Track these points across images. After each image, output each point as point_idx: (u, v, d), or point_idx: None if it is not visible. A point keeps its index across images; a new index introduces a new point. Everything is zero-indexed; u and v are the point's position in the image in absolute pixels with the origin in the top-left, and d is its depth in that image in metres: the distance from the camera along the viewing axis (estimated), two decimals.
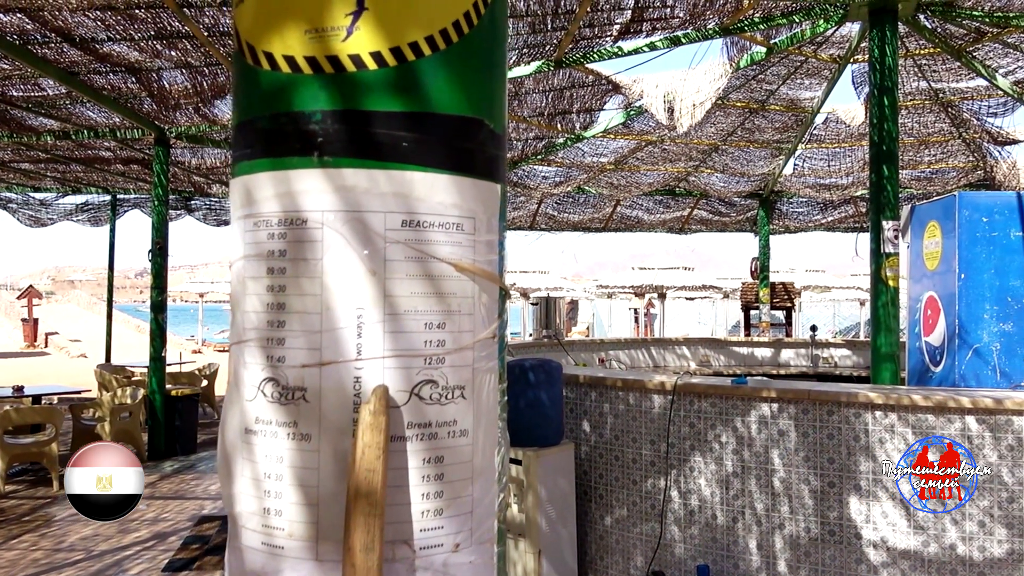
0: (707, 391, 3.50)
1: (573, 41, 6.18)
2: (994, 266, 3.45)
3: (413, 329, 1.31)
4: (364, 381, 1.28)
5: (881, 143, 5.70)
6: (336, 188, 1.29)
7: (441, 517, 1.33)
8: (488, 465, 1.40)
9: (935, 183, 10.65)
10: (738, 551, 3.40)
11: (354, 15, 1.28)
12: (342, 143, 1.29)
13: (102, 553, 4.90)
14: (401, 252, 1.30)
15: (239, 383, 1.39)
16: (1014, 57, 7.14)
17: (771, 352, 8.91)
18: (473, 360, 1.37)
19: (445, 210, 1.33)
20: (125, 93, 6.96)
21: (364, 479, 1.22)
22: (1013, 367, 3.48)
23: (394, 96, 1.30)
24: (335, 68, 1.29)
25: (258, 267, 1.36)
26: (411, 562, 1.29)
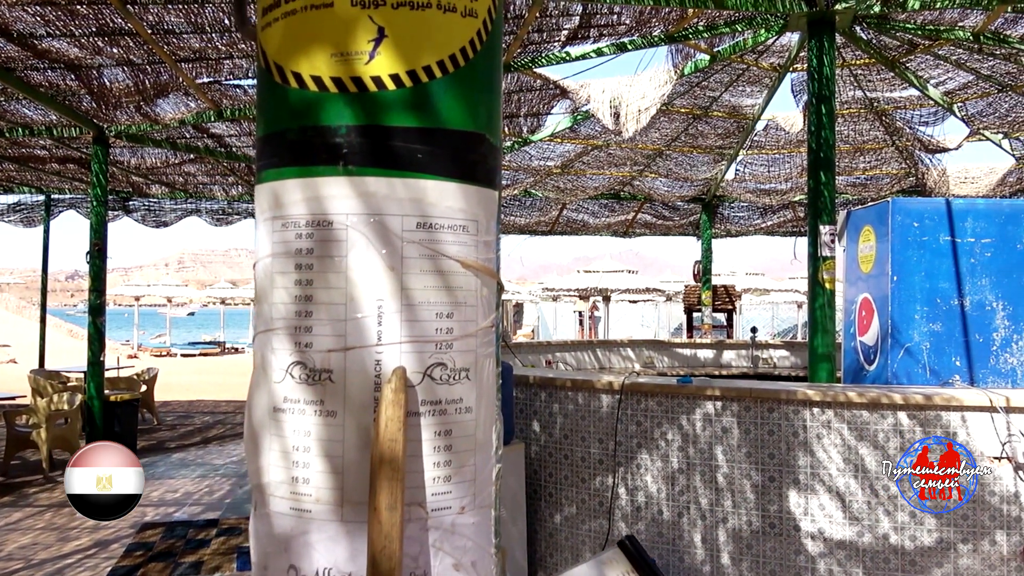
0: (654, 390, 3.56)
1: (522, 45, 6.20)
2: (924, 269, 3.62)
3: (426, 318, 1.48)
4: (384, 363, 1.46)
5: (819, 150, 5.92)
6: (359, 194, 1.47)
7: (449, 483, 1.51)
8: (488, 439, 1.59)
9: (870, 189, 11.13)
10: (683, 545, 3.46)
11: (375, 41, 1.47)
12: (365, 154, 1.47)
13: (42, 562, 4.72)
14: (416, 251, 1.48)
15: (267, 367, 1.55)
16: (944, 69, 7.52)
17: (713, 353, 9.13)
18: (476, 346, 1.55)
19: (453, 214, 1.52)
20: (63, 90, 6.68)
21: (388, 448, 1.38)
22: (942, 365, 3.66)
23: (410, 113, 1.49)
24: (358, 88, 1.47)
25: (286, 264, 1.52)
26: (424, 522, 1.48)
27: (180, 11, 5.22)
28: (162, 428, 9.86)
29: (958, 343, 3.61)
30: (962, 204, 3.65)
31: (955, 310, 3.60)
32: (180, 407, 11.85)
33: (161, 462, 7.66)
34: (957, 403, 3.17)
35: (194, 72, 6.27)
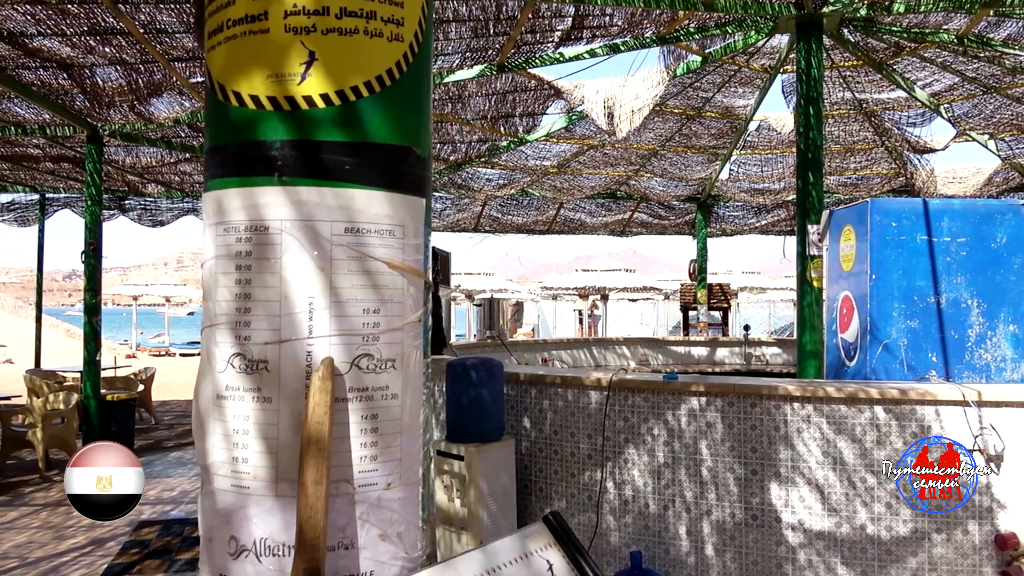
0: (640, 386, 3.66)
1: (515, 46, 6.30)
2: (902, 267, 3.72)
3: (353, 314, 1.65)
4: (314, 354, 1.62)
5: (807, 150, 6.03)
6: (292, 202, 1.63)
7: (376, 462, 1.68)
8: (414, 422, 1.76)
9: (860, 188, 11.24)
10: (669, 537, 3.57)
11: (307, 64, 1.62)
12: (297, 166, 1.63)
13: (37, 560, 4.78)
14: (344, 253, 1.65)
15: (211, 359, 1.71)
16: (931, 71, 7.63)
17: (707, 351, 9.24)
18: (403, 339, 1.73)
19: (380, 220, 1.69)
20: (56, 89, 6.71)
21: (314, 429, 1.54)
22: (919, 361, 3.77)
23: (339, 129, 1.66)
24: (292, 106, 1.63)
25: (228, 265, 1.69)
26: (351, 496, 1.64)
27: (172, 11, 5.28)
28: (159, 427, 9.95)
29: (934, 339, 3.72)
30: (938, 204, 3.76)
31: (932, 307, 3.71)
32: (178, 406, 11.94)
33: (158, 461, 7.75)
34: (931, 398, 3.28)
35: (187, 71, 6.33)
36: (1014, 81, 7.50)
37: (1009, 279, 3.76)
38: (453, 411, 3.82)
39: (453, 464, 3.72)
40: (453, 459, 3.72)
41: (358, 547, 1.64)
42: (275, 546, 1.63)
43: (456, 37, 6.18)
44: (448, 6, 5.59)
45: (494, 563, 1.84)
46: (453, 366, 3.87)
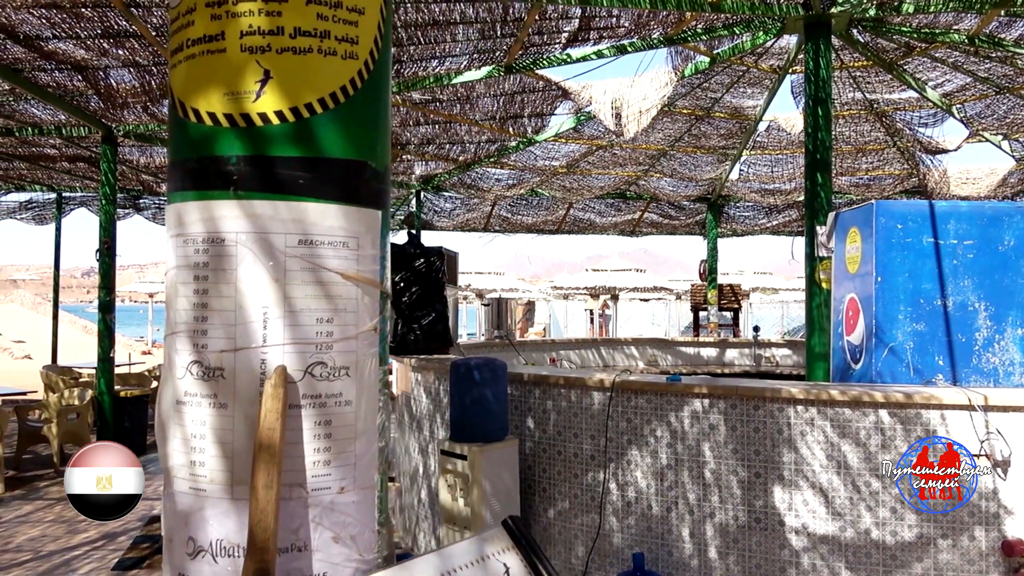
0: (643, 388, 3.66)
1: (523, 47, 6.31)
2: (908, 270, 3.70)
3: (307, 323, 1.71)
4: (268, 362, 1.68)
5: (816, 151, 6.00)
6: (248, 215, 1.69)
7: (329, 467, 1.72)
8: (369, 428, 1.80)
9: (872, 189, 11.15)
10: (672, 539, 3.57)
11: (262, 82, 1.68)
12: (252, 180, 1.69)
13: (50, 553, 4.87)
14: (298, 264, 1.70)
15: (171, 366, 1.77)
16: (942, 71, 7.55)
17: (716, 352, 9.21)
18: (357, 347, 1.78)
19: (333, 232, 1.74)
20: (71, 91, 6.85)
21: (266, 435, 1.59)
22: (925, 364, 3.74)
23: (293, 145, 1.71)
24: (247, 123, 1.69)
25: (187, 275, 1.75)
26: (304, 500, 1.69)
27: None
28: None
29: (941, 343, 3.69)
30: (945, 206, 3.73)
31: (938, 310, 3.68)
32: None
33: None
34: (937, 402, 3.25)
35: None
36: None
37: (1017, 282, 3.72)
38: (457, 410, 3.84)
39: (456, 463, 3.74)
40: (456, 458, 3.74)
41: (311, 549, 1.68)
42: (230, 547, 1.68)
43: (464, 39, 6.20)
44: (455, 8, 5.63)
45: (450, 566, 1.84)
46: (457, 366, 3.89)
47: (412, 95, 7.34)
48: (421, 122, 8.17)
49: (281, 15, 1.69)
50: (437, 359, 4.87)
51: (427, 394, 4.87)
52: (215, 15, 1.71)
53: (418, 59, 6.48)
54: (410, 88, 6.91)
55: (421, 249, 5.43)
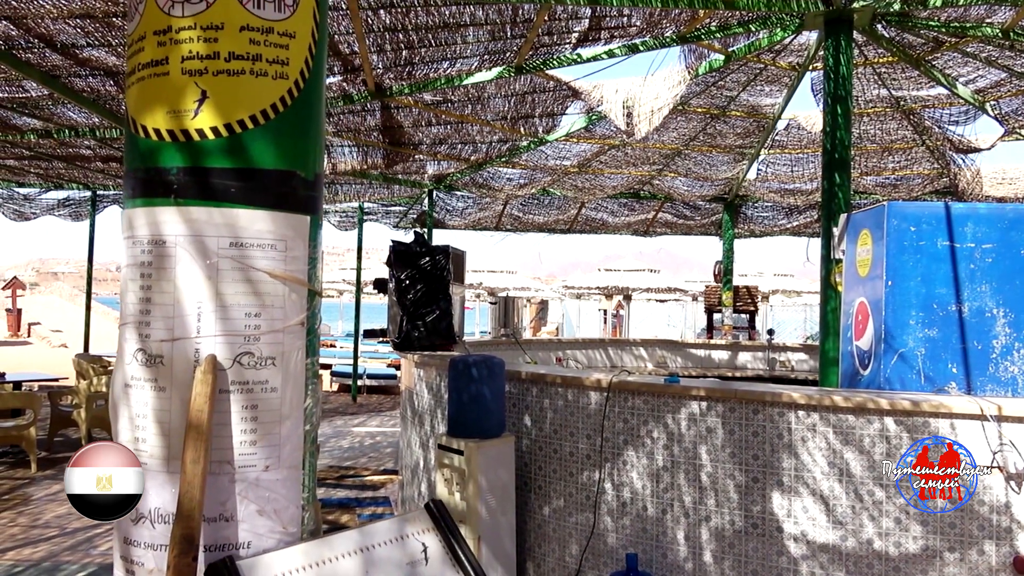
0: (640, 389, 3.58)
1: (533, 48, 6.25)
2: (921, 274, 3.56)
3: (236, 317, 1.90)
4: (201, 351, 1.88)
5: (834, 151, 5.85)
6: (185, 220, 1.89)
7: (255, 446, 1.90)
8: (295, 413, 1.98)
9: (900, 190, 10.88)
10: (666, 541, 3.48)
11: (200, 101, 1.89)
12: (190, 189, 1.90)
13: (75, 531, 5.10)
14: (229, 264, 1.90)
15: (122, 352, 1.96)
16: (974, 66, 7.30)
17: (728, 355, 9.06)
18: (283, 339, 1.95)
19: (262, 235, 1.94)
20: (104, 95, 7.12)
21: (195, 416, 1.78)
22: (937, 372, 3.60)
23: (227, 157, 1.91)
24: (186, 138, 1.90)
25: (135, 273, 1.96)
26: (232, 475, 1.87)
27: None
28: None
29: (955, 350, 3.55)
30: (962, 208, 3.58)
31: (952, 316, 3.54)
32: None
33: None
34: (946, 410, 3.13)
35: None
36: None
37: None
38: (454, 406, 3.80)
39: (453, 458, 3.70)
40: (453, 453, 3.69)
41: (237, 520, 1.89)
42: (166, 515, 1.88)
43: (474, 41, 6.16)
44: (465, 11, 5.60)
45: (370, 542, 2.01)
46: (455, 362, 3.84)
47: (424, 96, 7.30)
48: (433, 122, 8.14)
49: (217, 41, 1.89)
50: (440, 356, 4.83)
51: (429, 390, 4.83)
52: (161, 42, 1.92)
53: (429, 61, 6.45)
54: (422, 89, 6.88)
55: (427, 248, 5.39)
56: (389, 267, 5.36)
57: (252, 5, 1.94)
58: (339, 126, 7.95)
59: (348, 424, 9.92)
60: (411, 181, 10.49)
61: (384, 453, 7.98)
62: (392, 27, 5.78)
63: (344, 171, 9.10)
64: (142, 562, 1.91)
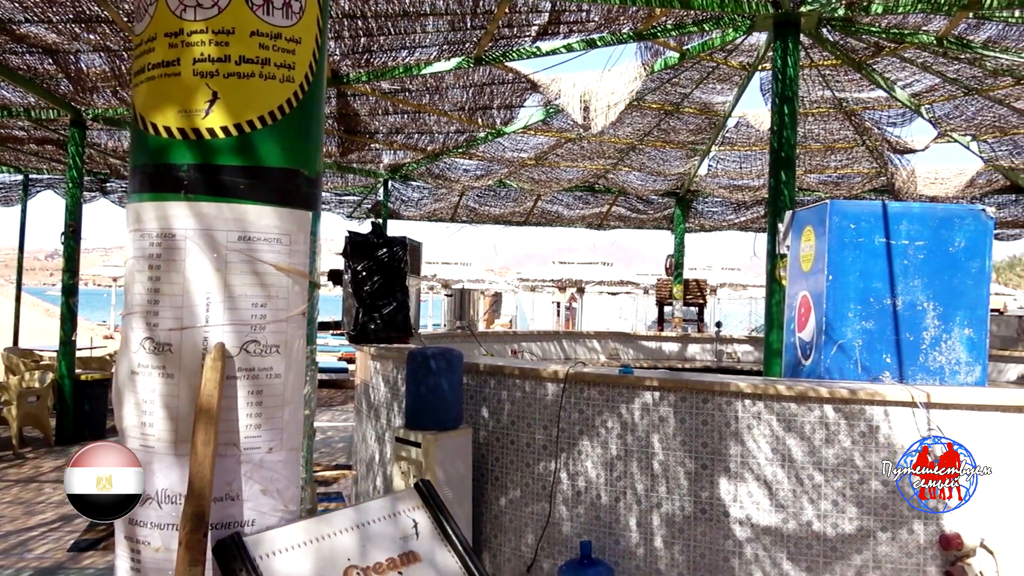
0: (596, 380, 3.67)
1: (492, 39, 6.26)
2: (859, 269, 3.75)
3: (243, 307, 2.01)
4: (210, 339, 1.98)
5: (780, 149, 6.05)
6: (195, 214, 1.99)
7: (260, 430, 2.03)
8: (296, 398, 2.11)
9: (842, 187, 11.31)
10: (619, 528, 3.59)
11: (210, 102, 1.99)
12: (200, 185, 2.00)
13: (7, 534, 4.85)
14: (237, 257, 2.00)
15: (127, 341, 2.07)
16: (911, 71, 7.65)
17: (678, 347, 9.29)
18: (287, 329, 2.07)
19: (269, 230, 2.05)
20: (41, 74, 6.83)
21: (205, 400, 1.89)
22: (873, 362, 3.80)
23: (236, 155, 2.02)
24: (197, 136, 2.00)
25: (142, 264, 2.05)
26: (237, 457, 1.99)
27: None
28: None
29: (889, 341, 3.75)
30: (898, 208, 3.78)
31: (887, 309, 3.74)
32: None
33: None
34: (880, 398, 3.31)
35: None
36: (996, 83, 7.55)
37: (966, 283, 3.80)
38: (412, 399, 3.82)
39: (411, 451, 3.72)
40: (411, 446, 3.72)
41: (243, 499, 1.98)
42: (173, 495, 1.97)
43: (433, 30, 6.14)
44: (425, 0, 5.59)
45: (364, 519, 2.12)
46: (413, 355, 3.86)
47: (381, 84, 7.25)
48: (390, 111, 8.08)
49: (228, 45, 1.99)
50: (396, 348, 4.83)
51: (385, 383, 4.83)
52: (172, 44, 2.01)
53: (388, 49, 6.40)
54: (379, 78, 6.83)
55: (384, 239, 5.37)
56: (345, 258, 5.32)
57: (262, 11, 2.04)
58: None
59: None
60: (366, 170, 10.39)
61: (336, 448, 7.92)
62: (351, 14, 5.72)
63: None
64: (148, 541, 1.99)
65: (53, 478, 6.34)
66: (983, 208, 3.80)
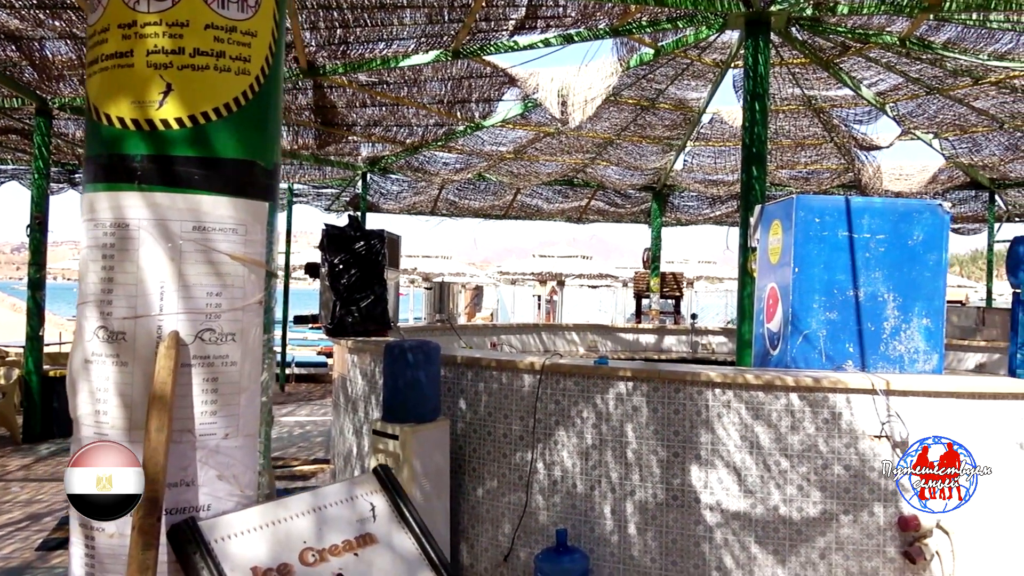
0: (571, 371, 3.76)
1: (470, 33, 6.31)
2: (824, 262, 3.88)
3: (198, 296, 2.04)
4: (164, 328, 2.02)
5: (751, 145, 6.19)
6: (149, 204, 2.02)
7: (215, 416, 2.07)
8: (252, 385, 2.16)
9: (812, 183, 11.54)
10: (594, 516, 3.70)
11: (164, 93, 2.01)
12: (154, 176, 2.03)
13: None
14: (192, 247, 2.03)
15: (81, 331, 2.08)
16: (876, 71, 7.87)
17: (655, 338, 9.44)
18: (242, 317, 2.12)
19: (224, 220, 2.08)
20: (3, 61, 6.64)
21: (159, 388, 1.92)
22: (837, 351, 3.94)
23: (190, 147, 2.04)
24: (151, 127, 2.03)
25: (96, 254, 2.06)
26: (193, 443, 2.04)
27: None
28: None
29: (852, 331, 3.90)
30: (860, 202, 3.92)
31: (850, 300, 3.88)
32: None
33: None
34: (843, 386, 3.45)
35: None
36: (956, 83, 7.78)
37: (924, 275, 3.95)
38: (389, 391, 3.87)
39: (388, 444, 3.77)
40: (388, 439, 3.77)
41: (198, 484, 2.03)
42: None
43: (411, 22, 6.17)
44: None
45: (322, 503, 2.17)
46: (391, 348, 3.91)
47: (359, 76, 7.25)
48: (368, 104, 8.08)
49: (183, 37, 2.00)
50: (374, 341, 4.88)
51: (363, 376, 4.88)
52: (126, 35, 2.01)
53: (365, 41, 6.41)
54: (356, 70, 6.83)
55: (361, 231, 5.40)
56: (322, 251, 5.34)
57: (217, 5, 2.05)
58: None
59: (276, 413, 9.76)
60: (344, 163, 10.37)
61: (315, 443, 7.94)
62: (327, 4, 5.73)
63: None
64: (103, 527, 2.02)
65: (20, 477, 6.26)
66: (940, 203, 3.95)
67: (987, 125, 8.71)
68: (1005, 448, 3.40)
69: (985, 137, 9.18)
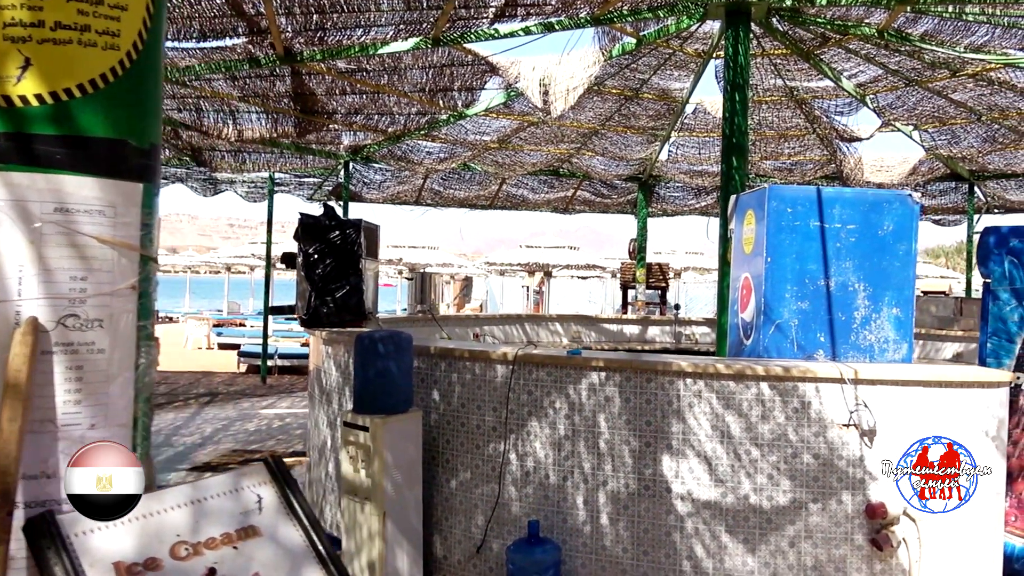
0: (544, 361, 3.76)
1: (450, 20, 6.24)
2: (795, 251, 3.89)
3: (61, 280, 1.96)
4: (22, 314, 1.93)
5: (732, 135, 6.20)
6: (5, 184, 1.92)
7: (80, 406, 1.99)
8: (124, 373, 2.09)
9: (795, 174, 11.56)
10: (567, 507, 3.71)
11: (23, 68, 1.92)
12: (11, 155, 1.93)
13: None
14: (53, 229, 1.94)
15: None
16: (855, 62, 7.88)
17: (639, 329, 9.47)
18: (111, 302, 2.04)
19: (89, 202, 2.00)
20: None
21: (13, 376, 1.85)
22: (808, 341, 3.96)
23: (51, 124, 1.95)
24: (7, 103, 1.92)
25: None
26: (55, 434, 1.96)
27: None
28: None
29: (823, 321, 3.91)
30: (831, 192, 3.93)
31: (821, 290, 3.90)
32: None
33: None
34: (812, 375, 3.46)
35: None
36: (934, 75, 7.81)
37: (894, 265, 3.97)
38: (360, 383, 3.85)
39: (359, 435, 3.76)
40: (359, 430, 3.76)
41: (60, 476, 1.94)
42: None
43: (388, 9, 6.09)
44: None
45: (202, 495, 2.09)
46: (361, 338, 3.89)
47: (338, 63, 7.17)
48: (348, 91, 8.00)
49: (43, 10, 1.91)
50: (349, 332, 4.86)
51: (337, 367, 4.86)
52: None
53: (342, 27, 6.32)
54: (335, 56, 6.75)
55: (336, 221, 5.37)
56: (297, 241, 5.31)
57: None
58: (245, 91, 7.67)
59: (256, 406, 9.74)
60: (325, 152, 10.28)
61: (294, 435, 7.91)
62: None
63: (252, 139, 8.80)
64: None
65: None
66: (910, 193, 3.97)
67: (965, 117, 8.76)
68: (976, 436, 3.43)
69: (964, 129, 9.23)
